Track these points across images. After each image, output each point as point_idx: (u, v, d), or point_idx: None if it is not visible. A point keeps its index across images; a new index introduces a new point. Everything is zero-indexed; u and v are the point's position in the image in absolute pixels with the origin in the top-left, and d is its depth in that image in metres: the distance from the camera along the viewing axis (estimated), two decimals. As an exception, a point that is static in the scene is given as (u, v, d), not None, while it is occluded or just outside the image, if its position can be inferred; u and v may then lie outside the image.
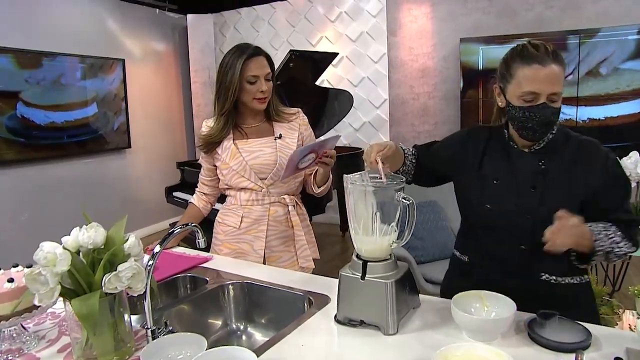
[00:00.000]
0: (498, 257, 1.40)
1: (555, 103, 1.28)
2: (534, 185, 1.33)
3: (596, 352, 1.08)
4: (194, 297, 1.51)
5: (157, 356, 1.04)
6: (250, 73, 1.76)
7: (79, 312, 0.98)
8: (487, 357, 0.98)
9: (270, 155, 1.83)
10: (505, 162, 1.40)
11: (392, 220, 1.17)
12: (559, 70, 1.26)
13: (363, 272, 1.17)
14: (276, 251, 1.87)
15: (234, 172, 1.82)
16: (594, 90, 4.69)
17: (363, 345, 1.14)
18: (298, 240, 1.89)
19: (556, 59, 1.27)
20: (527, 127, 1.30)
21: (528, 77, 1.26)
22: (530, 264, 1.36)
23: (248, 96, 1.79)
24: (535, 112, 1.27)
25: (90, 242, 1.07)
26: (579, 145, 1.36)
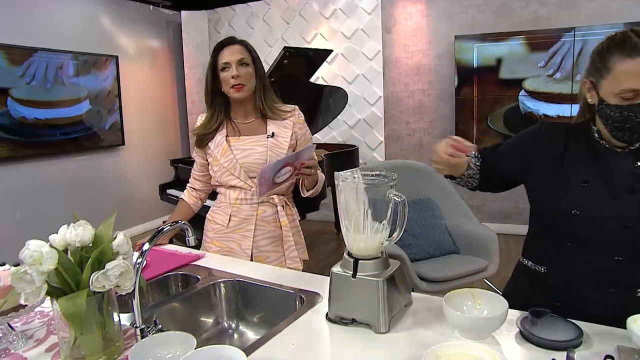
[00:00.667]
0: (587, 270, 1.24)
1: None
2: (632, 189, 1.18)
3: (588, 350, 1.07)
4: (185, 295, 1.50)
5: (146, 355, 1.03)
6: (222, 61, 1.77)
7: (65, 311, 0.96)
8: (478, 356, 0.97)
9: (261, 155, 1.82)
10: (592, 162, 1.25)
11: (384, 218, 1.16)
12: None
13: (354, 270, 1.16)
14: (264, 251, 1.85)
15: (224, 169, 1.81)
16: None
17: (354, 343, 1.13)
18: (286, 241, 1.88)
19: None
20: (624, 128, 1.15)
21: (630, 72, 1.11)
22: (625, 279, 1.21)
23: (225, 86, 1.79)
24: (637, 111, 1.12)
25: (78, 240, 1.05)
26: None
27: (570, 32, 4.65)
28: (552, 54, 4.76)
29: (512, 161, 1.39)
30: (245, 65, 1.78)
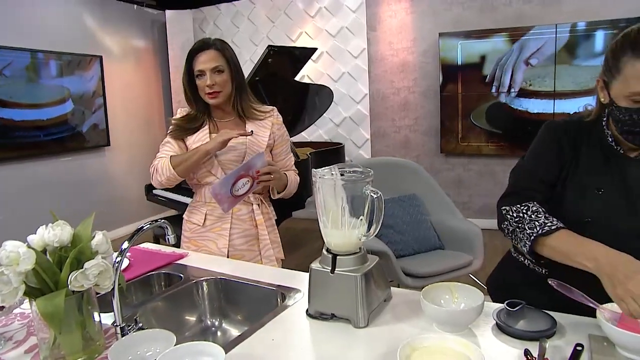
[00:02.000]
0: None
1: None
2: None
3: (560, 340, 1.10)
4: (168, 293, 1.50)
5: (126, 353, 1.03)
6: (196, 68, 1.77)
7: (43, 311, 0.97)
8: (453, 348, 0.99)
9: (239, 152, 1.83)
10: (605, 167, 1.20)
11: (361, 214, 1.18)
12: None
13: (333, 266, 1.17)
14: (240, 250, 1.86)
15: (202, 165, 1.81)
16: (571, 84, 4.76)
17: (333, 338, 1.15)
18: (262, 240, 1.89)
19: None
20: (635, 132, 1.11)
21: (630, 74, 1.06)
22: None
23: (201, 92, 1.80)
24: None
25: (56, 240, 1.05)
26: None
27: (552, 28, 4.71)
28: (534, 50, 4.81)
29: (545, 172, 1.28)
30: (219, 73, 1.77)
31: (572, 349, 1.01)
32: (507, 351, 1.06)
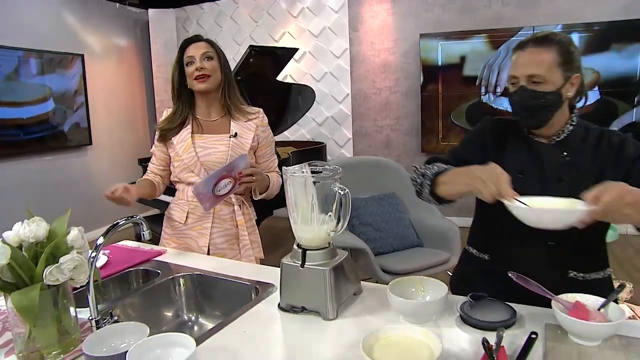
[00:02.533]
0: (523, 255, 1.34)
1: (539, 86, 1.27)
2: (560, 177, 1.30)
3: (519, 329, 1.16)
4: (145, 289, 1.53)
5: (100, 345, 1.06)
6: (186, 55, 1.81)
7: (18, 305, 0.99)
8: (414, 337, 1.03)
9: (222, 154, 1.85)
10: (527, 154, 1.37)
11: (330, 210, 1.22)
12: (540, 52, 1.26)
13: (302, 260, 1.21)
14: (220, 249, 1.89)
15: (184, 165, 1.84)
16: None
17: (303, 330, 1.19)
18: (242, 240, 1.92)
19: (539, 43, 1.28)
20: (515, 113, 1.33)
21: (512, 62, 1.32)
22: (558, 261, 1.32)
23: (189, 79, 1.83)
24: (514, 96, 1.31)
25: (32, 236, 1.08)
26: (600, 135, 1.34)
27: (530, 30, 4.80)
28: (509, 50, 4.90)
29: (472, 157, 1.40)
30: (209, 59, 1.81)
31: (527, 337, 1.07)
32: (467, 340, 1.12)
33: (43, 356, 1.08)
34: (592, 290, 1.19)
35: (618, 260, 4.25)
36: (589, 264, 1.35)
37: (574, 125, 1.36)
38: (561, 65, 1.28)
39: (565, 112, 1.35)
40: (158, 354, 1.01)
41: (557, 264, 1.34)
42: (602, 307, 1.12)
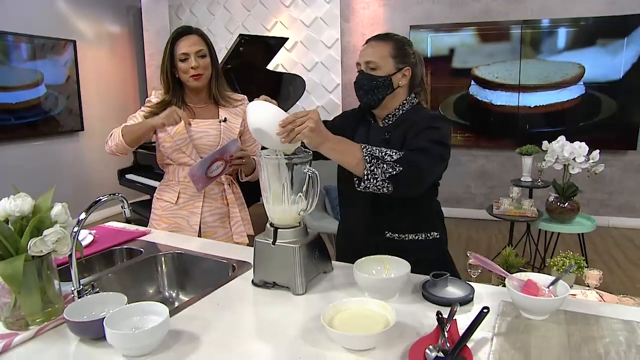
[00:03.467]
0: (352, 217, 1.68)
1: (374, 71, 1.52)
2: None
3: (476, 305, 1.24)
4: (128, 265, 1.60)
5: (81, 314, 1.14)
6: (180, 51, 1.84)
7: (3, 273, 1.06)
8: (372, 309, 1.12)
9: (214, 137, 1.93)
10: (365, 135, 1.62)
11: (300, 191, 1.30)
12: (378, 45, 1.53)
13: (274, 238, 1.29)
14: (211, 227, 1.97)
15: (177, 146, 1.90)
16: (534, 78, 4.94)
17: (274, 303, 1.27)
18: (233, 217, 2.00)
19: (378, 38, 1.56)
20: (355, 93, 1.59)
21: (359, 54, 1.59)
22: (375, 223, 1.59)
23: (183, 75, 1.88)
24: (356, 79, 1.58)
25: (18, 210, 1.14)
26: (422, 115, 1.55)
27: (518, 25, 4.88)
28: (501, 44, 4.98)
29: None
30: (203, 57, 1.87)
31: (479, 311, 1.15)
32: (425, 314, 1.20)
33: (27, 323, 1.15)
34: (408, 250, 1.46)
35: (597, 251, 4.37)
36: (404, 226, 1.59)
37: (404, 110, 1.58)
38: (394, 57, 1.52)
39: (398, 98, 1.58)
40: (134, 321, 1.09)
41: (375, 224, 1.60)
42: (552, 284, 1.20)
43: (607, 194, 5.06)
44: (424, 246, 1.60)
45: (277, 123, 1.25)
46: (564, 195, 3.43)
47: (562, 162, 3.38)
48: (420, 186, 1.43)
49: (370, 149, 1.36)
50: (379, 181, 1.34)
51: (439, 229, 1.66)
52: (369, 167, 1.33)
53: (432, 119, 1.52)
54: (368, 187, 1.36)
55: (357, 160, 1.34)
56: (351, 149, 1.35)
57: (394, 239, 1.59)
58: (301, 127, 1.25)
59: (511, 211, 3.63)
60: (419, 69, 1.61)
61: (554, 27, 4.78)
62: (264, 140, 1.29)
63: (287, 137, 1.25)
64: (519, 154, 3.97)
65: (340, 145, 1.35)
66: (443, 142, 1.46)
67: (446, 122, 1.56)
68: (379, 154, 1.36)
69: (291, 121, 1.25)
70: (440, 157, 1.45)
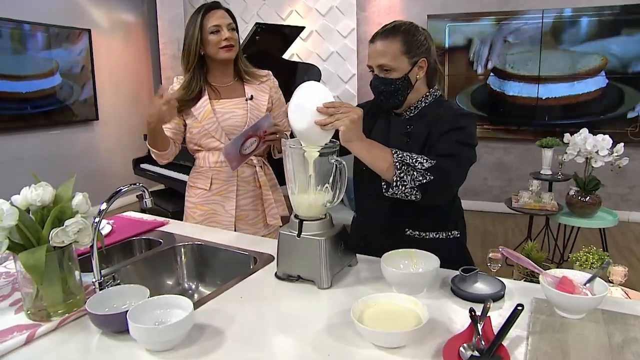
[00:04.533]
0: (370, 213, 1.60)
1: (389, 73, 1.44)
2: (399, 146, 1.42)
3: (508, 302, 1.20)
4: (147, 256, 1.58)
5: (103, 306, 1.11)
6: (212, 24, 1.79)
7: (25, 263, 1.04)
8: (402, 305, 1.08)
9: (241, 117, 1.89)
10: (384, 128, 1.56)
11: (327, 182, 1.26)
12: (386, 43, 1.43)
13: (299, 230, 1.25)
14: (245, 210, 1.95)
15: (205, 131, 1.87)
16: (554, 69, 4.83)
17: (298, 297, 1.24)
18: (266, 199, 1.98)
19: (385, 35, 1.44)
20: (376, 98, 1.51)
21: (368, 54, 1.50)
22: (394, 220, 1.53)
23: (213, 47, 1.82)
24: (372, 83, 1.50)
25: (39, 200, 1.12)
26: (445, 109, 1.49)
27: (539, 13, 4.76)
28: (520, 33, 4.88)
29: None
30: (233, 30, 1.83)
31: (513, 309, 1.10)
32: (456, 310, 1.16)
33: (49, 314, 1.13)
34: (427, 249, 1.33)
35: (617, 247, 4.28)
36: (425, 224, 1.53)
37: (427, 102, 1.51)
38: (406, 53, 1.43)
39: (419, 91, 1.51)
40: (157, 314, 1.06)
41: (395, 221, 1.54)
42: (588, 282, 1.15)
43: (628, 188, 4.95)
44: (444, 245, 1.54)
45: (320, 103, 1.22)
46: (586, 189, 3.35)
47: (584, 155, 3.30)
48: (449, 195, 1.45)
49: (401, 155, 1.32)
50: (407, 188, 1.32)
51: (460, 227, 1.62)
52: (398, 173, 1.31)
53: (458, 117, 1.46)
54: (396, 194, 1.35)
55: (388, 165, 1.31)
56: (382, 153, 1.33)
57: (414, 237, 1.54)
58: (343, 115, 1.21)
59: (531, 204, 3.57)
60: (433, 53, 1.52)
61: (577, 16, 4.66)
62: (300, 120, 1.24)
63: (326, 120, 1.21)
64: (539, 146, 3.89)
65: (372, 147, 1.33)
66: (470, 143, 1.44)
67: (472, 120, 1.49)
68: (409, 161, 1.32)
69: (336, 106, 1.22)
70: (469, 161, 1.43)
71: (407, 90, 1.46)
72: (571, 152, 3.34)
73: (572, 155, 3.34)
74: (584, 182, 3.34)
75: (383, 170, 1.33)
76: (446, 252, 1.44)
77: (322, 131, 1.23)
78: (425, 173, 1.32)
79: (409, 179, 1.31)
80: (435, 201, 1.41)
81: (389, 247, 1.35)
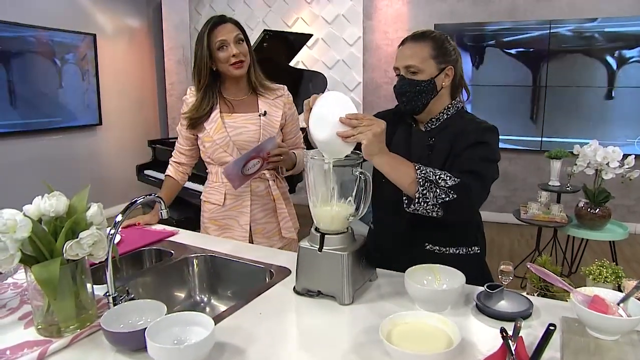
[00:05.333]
0: (389, 226, 1.54)
1: (416, 75, 1.41)
2: (420, 159, 1.39)
3: (536, 320, 1.16)
4: (158, 268, 1.53)
5: (118, 322, 1.07)
6: (217, 39, 1.75)
7: (39, 277, 1.00)
8: (432, 324, 1.03)
9: (254, 133, 1.85)
10: (405, 139, 1.53)
11: (349, 195, 1.22)
12: (416, 46, 1.41)
13: (320, 244, 1.21)
14: (260, 223, 1.91)
15: (217, 146, 1.83)
16: (561, 78, 4.82)
17: (319, 314, 1.19)
18: (280, 212, 1.94)
19: (416, 39, 1.43)
20: (397, 100, 1.48)
21: (396, 56, 1.48)
22: (414, 234, 1.48)
23: (223, 64, 1.78)
24: (396, 84, 1.47)
25: (52, 210, 1.08)
26: (468, 122, 1.46)
27: (547, 24, 4.75)
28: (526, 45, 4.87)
29: None
30: (241, 42, 1.78)
31: (545, 329, 1.06)
32: (485, 330, 1.11)
33: (60, 329, 1.08)
34: (457, 265, 1.29)
35: (625, 259, 4.24)
36: (446, 239, 1.49)
37: (448, 114, 1.48)
38: (435, 58, 1.41)
39: (443, 101, 1.48)
40: (176, 332, 1.01)
41: (415, 235, 1.49)
42: (622, 301, 1.11)
43: (635, 200, 4.92)
44: (464, 261, 1.46)
45: (343, 114, 1.19)
46: (595, 201, 3.32)
47: (594, 167, 3.27)
48: (470, 214, 1.44)
49: (424, 171, 1.28)
50: (429, 205, 1.28)
51: (480, 243, 1.57)
52: (421, 190, 1.27)
53: (482, 131, 1.42)
54: (417, 210, 1.31)
55: (411, 181, 1.28)
56: (405, 168, 1.29)
57: (434, 252, 1.49)
58: (365, 128, 1.18)
59: (540, 216, 3.52)
60: (459, 66, 1.50)
61: (583, 27, 4.65)
62: (321, 130, 1.19)
63: (348, 132, 1.18)
64: (548, 157, 3.85)
65: (395, 161, 1.29)
66: (494, 159, 1.41)
67: (496, 134, 1.45)
68: (433, 178, 1.28)
69: (359, 118, 1.19)
70: (492, 178, 1.40)
71: (431, 94, 1.43)
72: (581, 163, 3.31)
73: (582, 167, 3.31)
74: (594, 194, 3.30)
75: (405, 185, 1.29)
76: (467, 268, 1.38)
77: (343, 143, 1.19)
78: (448, 191, 1.28)
79: (431, 196, 1.27)
80: (456, 219, 1.39)
81: (407, 261, 1.31)
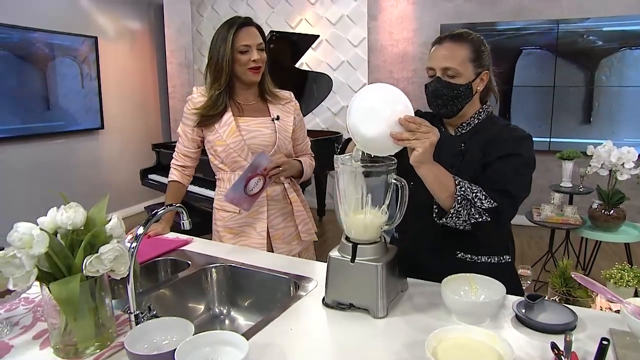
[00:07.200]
0: (417, 234, 1.46)
1: (454, 79, 1.34)
2: (451, 165, 1.35)
3: (582, 333, 1.09)
4: (175, 280, 1.46)
5: (142, 342, 1.00)
6: (242, 43, 1.71)
7: (58, 296, 0.93)
8: (480, 340, 0.97)
9: (269, 137, 1.80)
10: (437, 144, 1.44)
11: (383, 202, 1.15)
12: (454, 47, 1.34)
13: (353, 255, 1.14)
14: (278, 228, 1.85)
15: (230, 150, 1.77)
16: (571, 78, 4.76)
17: (353, 328, 1.12)
18: (298, 216, 1.89)
19: (454, 39, 1.36)
20: (428, 101, 1.41)
21: (430, 55, 1.40)
22: (444, 241, 1.42)
23: (241, 67, 1.74)
24: (429, 85, 1.38)
25: (70, 223, 1.01)
26: (501, 128, 1.41)
27: (554, 24, 4.69)
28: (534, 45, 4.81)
29: None
30: (262, 50, 1.76)
31: (599, 343, 0.99)
32: (531, 344, 1.05)
33: (78, 350, 1.02)
34: (488, 274, 1.25)
35: (638, 261, 4.17)
36: (477, 247, 1.42)
37: (479, 119, 1.43)
38: (473, 61, 1.36)
39: (475, 105, 1.43)
40: (206, 353, 0.94)
41: (444, 243, 1.42)
42: (676, 313, 1.04)
43: (646, 200, 4.85)
44: (495, 270, 1.40)
45: (402, 114, 1.13)
46: (610, 203, 3.25)
47: (608, 167, 3.20)
48: (498, 232, 1.39)
49: (463, 188, 1.25)
50: (460, 221, 1.27)
51: (511, 251, 1.51)
52: (457, 207, 1.24)
53: (516, 141, 1.36)
54: (447, 223, 1.28)
55: (449, 194, 1.24)
56: (447, 182, 1.25)
57: (466, 261, 1.43)
58: (423, 135, 1.13)
59: (553, 218, 3.45)
60: (492, 71, 1.45)
61: (591, 26, 4.59)
62: (370, 125, 1.13)
63: (404, 134, 1.12)
64: (560, 158, 3.79)
65: (439, 172, 1.24)
66: (527, 172, 1.36)
67: (531, 144, 1.38)
68: (470, 196, 1.25)
69: (417, 122, 1.13)
70: (525, 193, 1.35)
71: (467, 99, 1.37)
72: (595, 164, 3.25)
73: (596, 168, 3.25)
74: (608, 195, 3.24)
75: (442, 198, 1.25)
76: (498, 278, 1.30)
77: (392, 143, 1.13)
78: (483, 213, 1.25)
79: (465, 214, 1.25)
80: (483, 235, 1.34)
81: (436, 270, 1.26)
